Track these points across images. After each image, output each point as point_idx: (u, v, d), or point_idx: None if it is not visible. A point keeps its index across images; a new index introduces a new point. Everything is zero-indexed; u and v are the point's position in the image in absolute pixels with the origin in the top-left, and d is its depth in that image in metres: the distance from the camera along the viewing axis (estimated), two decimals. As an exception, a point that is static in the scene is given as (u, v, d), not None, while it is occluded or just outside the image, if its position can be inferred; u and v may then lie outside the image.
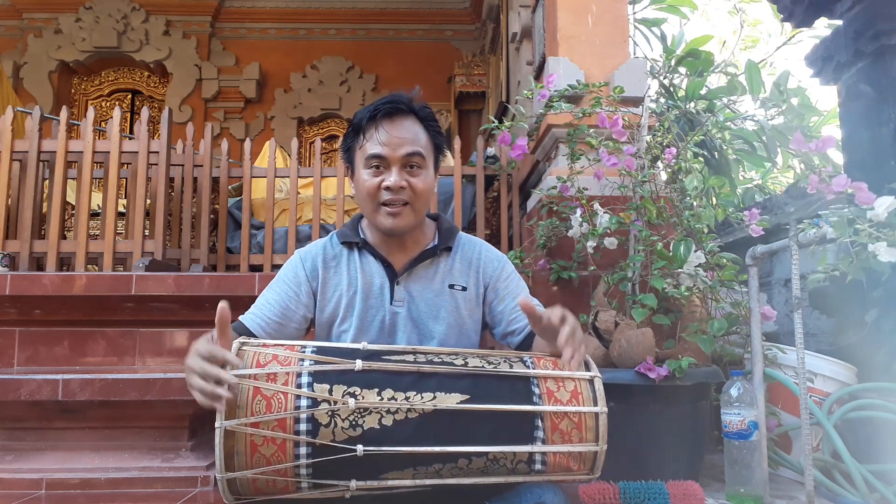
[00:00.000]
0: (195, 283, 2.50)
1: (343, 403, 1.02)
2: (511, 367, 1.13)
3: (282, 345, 1.12)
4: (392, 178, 1.23)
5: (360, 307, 1.29)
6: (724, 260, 1.93)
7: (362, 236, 1.34)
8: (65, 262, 3.16)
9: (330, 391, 1.03)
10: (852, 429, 1.73)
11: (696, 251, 1.82)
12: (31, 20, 7.27)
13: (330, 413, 1.02)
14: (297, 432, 1.01)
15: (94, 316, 2.55)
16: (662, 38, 3.93)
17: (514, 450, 1.07)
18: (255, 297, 1.31)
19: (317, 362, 1.07)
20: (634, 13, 3.72)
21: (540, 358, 1.17)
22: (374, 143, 1.24)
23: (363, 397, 1.04)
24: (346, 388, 1.04)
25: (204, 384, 0.97)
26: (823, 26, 3.07)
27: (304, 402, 1.02)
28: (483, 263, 1.35)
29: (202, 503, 1.75)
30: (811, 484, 1.53)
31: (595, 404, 1.12)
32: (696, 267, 1.80)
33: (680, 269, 1.80)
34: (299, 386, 1.03)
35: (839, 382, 1.88)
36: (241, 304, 1.34)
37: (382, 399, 1.04)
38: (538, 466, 1.09)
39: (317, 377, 1.05)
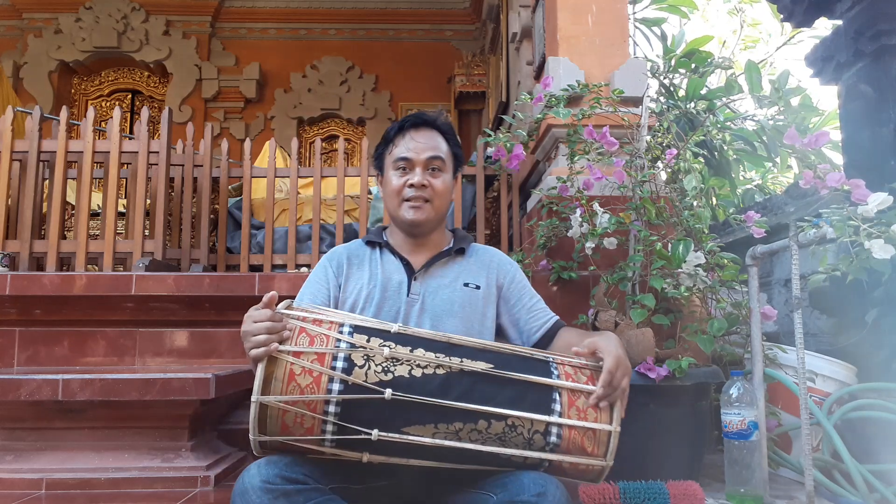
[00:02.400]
0: (195, 283, 2.50)
1: (378, 350, 1.14)
2: (532, 354, 1.25)
3: (326, 310, 1.26)
4: (416, 177, 1.43)
5: (378, 298, 1.42)
6: (725, 260, 1.93)
7: (385, 239, 1.53)
8: (65, 262, 3.16)
9: (368, 340, 1.15)
10: (852, 429, 1.73)
11: (695, 251, 1.82)
12: (31, 20, 7.27)
13: (365, 356, 1.13)
14: (334, 368, 1.11)
15: (94, 316, 2.56)
16: (662, 38, 3.94)
17: (533, 417, 1.14)
18: (255, 298, 1.33)
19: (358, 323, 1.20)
20: (634, 13, 3.72)
21: (559, 356, 1.28)
22: (401, 148, 1.46)
23: (397, 350, 1.15)
24: (382, 341, 1.15)
25: (259, 338, 1.10)
26: (824, 26, 3.06)
27: (343, 344, 1.14)
28: (498, 266, 1.53)
29: (202, 503, 1.75)
30: (811, 484, 1.53)
31: None
32: (695, 267, 1.79)
33: (679, 269, 1.80)
34: (341, 332, 1.16)
35: (839, 382, 1.88)
36: (242, 304, 1.34)
37: (414, 353, 1.15)
38: (553, 439, 1.15)
39: (357, 329, 1.17)
